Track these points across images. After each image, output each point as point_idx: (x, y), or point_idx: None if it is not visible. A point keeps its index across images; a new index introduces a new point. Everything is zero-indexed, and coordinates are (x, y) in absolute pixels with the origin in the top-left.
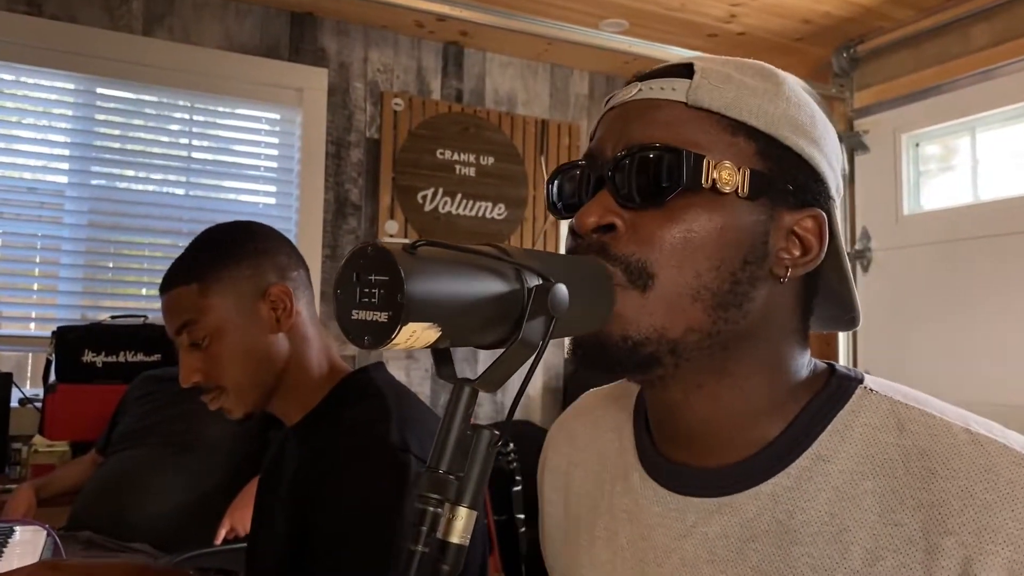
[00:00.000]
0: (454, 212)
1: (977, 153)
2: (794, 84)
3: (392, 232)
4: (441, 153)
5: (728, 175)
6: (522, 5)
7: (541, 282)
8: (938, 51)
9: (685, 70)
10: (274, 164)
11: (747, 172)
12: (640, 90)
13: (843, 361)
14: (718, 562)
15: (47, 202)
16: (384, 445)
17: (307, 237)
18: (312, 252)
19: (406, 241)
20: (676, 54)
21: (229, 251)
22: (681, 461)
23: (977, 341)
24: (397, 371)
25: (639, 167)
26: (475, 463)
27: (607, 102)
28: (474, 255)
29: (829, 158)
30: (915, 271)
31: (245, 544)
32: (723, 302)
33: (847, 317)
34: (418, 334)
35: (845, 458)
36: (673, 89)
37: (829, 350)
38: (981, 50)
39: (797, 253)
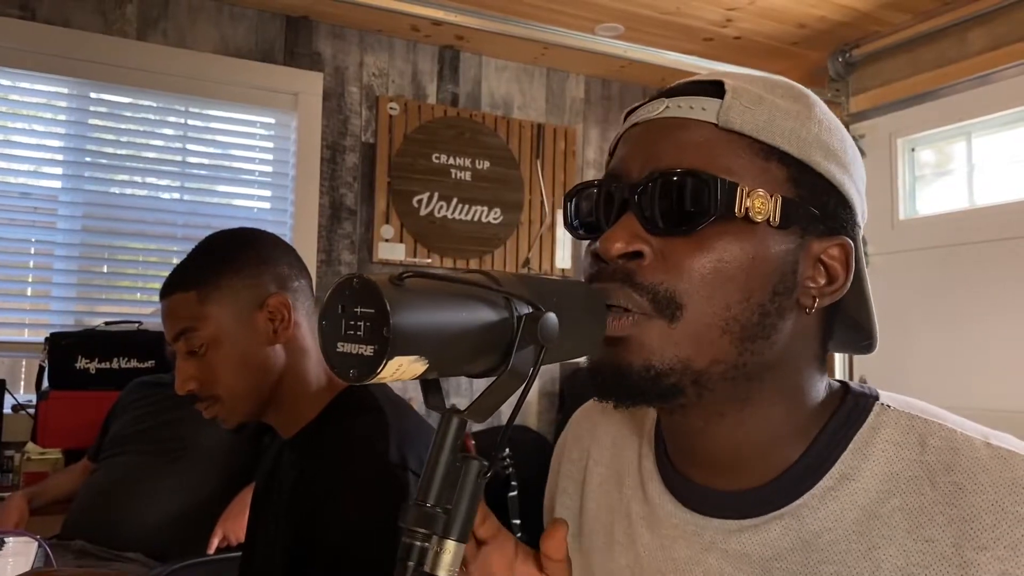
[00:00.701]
0: (450, 216)
1: (973, 158)
2: (824, 106)
3: (388, 236)
4: (437, 157)
5: (761, 203)
6: (518, 10)
7: (531, 310)
8: (934, 56)
9: (714, 88)
10: (269, 168)
11: (779, 199)
12: (667, 107)
13: (839, 366)
14: (749, 556)
15: (41, 207)
16: (383, 463)
17: (302, 242)
18: (307, 257)
19: (393, 272)
20: (672, 59)
21: (229, 260)
22: (700, 482)
23: (974, 346)
24: None
25: (668, 192)
26: (464, 495)
27: (627, 116)
28: (462, 285)
29: (857, 184)
30: (911, 276)
31: (238, 553)
32: (752, 334)
33: (864, 343)
34: (404, 367)
35: (869, 476)
36: (703, 109)
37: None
38: (978, 55)
39: (823, 282)
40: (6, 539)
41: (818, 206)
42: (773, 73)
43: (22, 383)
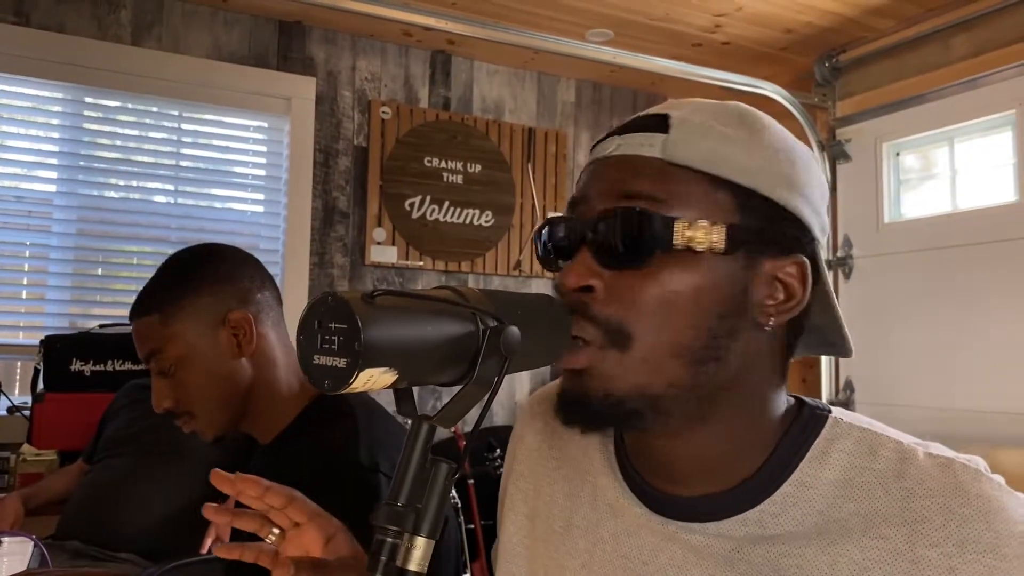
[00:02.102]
0: (442, 219)
1: (956, 163)
2: (775, 128)
3: (380, 239)
4: (429, 161)
5: (703, 234)
6: (508, 16)
7: (495, 324)
8: (919, 61)
9: (661, 122)
10: (262, 172)
11: (723, 228)
12: (618, 145)
13: (825, 369)
14: (706, 566)
15: (35, 210)
16: (355, 466)
17: (295, 244)
18: (300, 259)
19: (367, 289)
20: (660, 65)
21: (188, 280)
22: (660, 489)
23: (956, 347)
24: None
25: (616, 228)
26: (433, 494)
27: (592, 150)
28: (430, 301)
29: (812, 202)
30: (896, 278)
31: None
32: (702, 357)
33: (841, 346)
34: (375, 378)
35: (825, 483)
36: (651, 145)
37: (812, 357)
38: (961, 60)
39: (781, 298)
40: (2, 539)
41: (769, 229)
42: (761, 78)
43: (17, 385)
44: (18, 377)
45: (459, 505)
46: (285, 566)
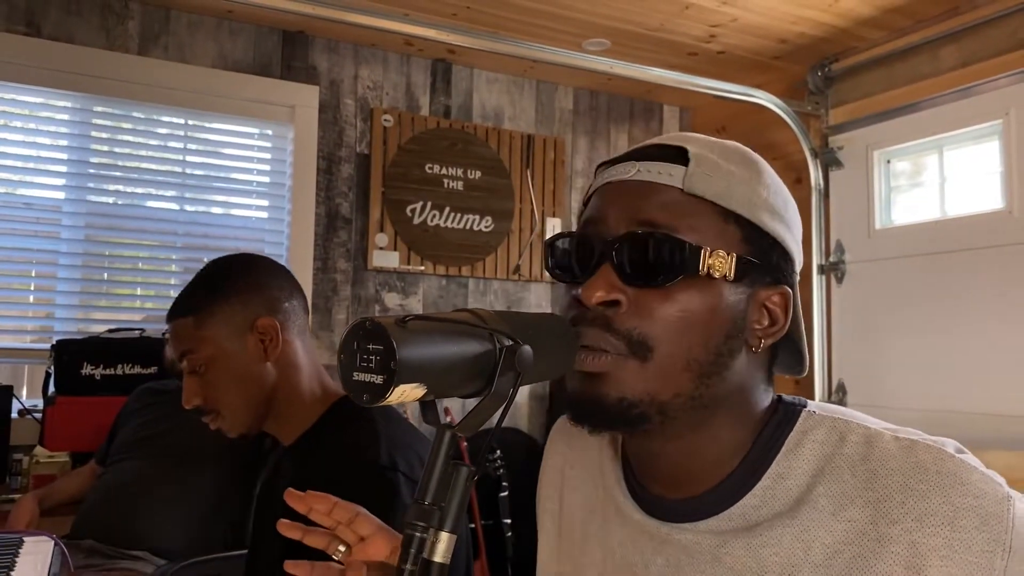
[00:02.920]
0: (442, 225)
1: (945, 170)
2: (770, 170)
3: (382, 245)
4: (430, 168)
5: (721, 262)
6: (506, 26)
7: (510, 343)
8: (909, 71)
9: (679, 154)
10: (267, 179)
11: (734, 257)
12: (638, 171)
13: (818, 370)
14: (697, 564)
15: (44, 217)
16: (374, 466)
17: (299, 250)
18: (304, 264)
19: (398, 315)
20: (655, 74)
21: (221, 287)
22: (655, 493)
23: (946, 351)
24: None
25: (643, 249)
26: (455, 495)
27: (599, 169)
28: (453, 324)
29: (796, 236)
30: (886, 283)
31: (242, 552)
32: (708, 371)
33: (798, 368)
34: (408, 392)
35: (800, 473)
36: (670, 175)
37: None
38: (950, 71)
39: (766, 323)
40: (24, 539)
41: (765, 260)
42: (755, 86)
43: (25, 388)
44: (26, 380)
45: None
46: (357, 571)
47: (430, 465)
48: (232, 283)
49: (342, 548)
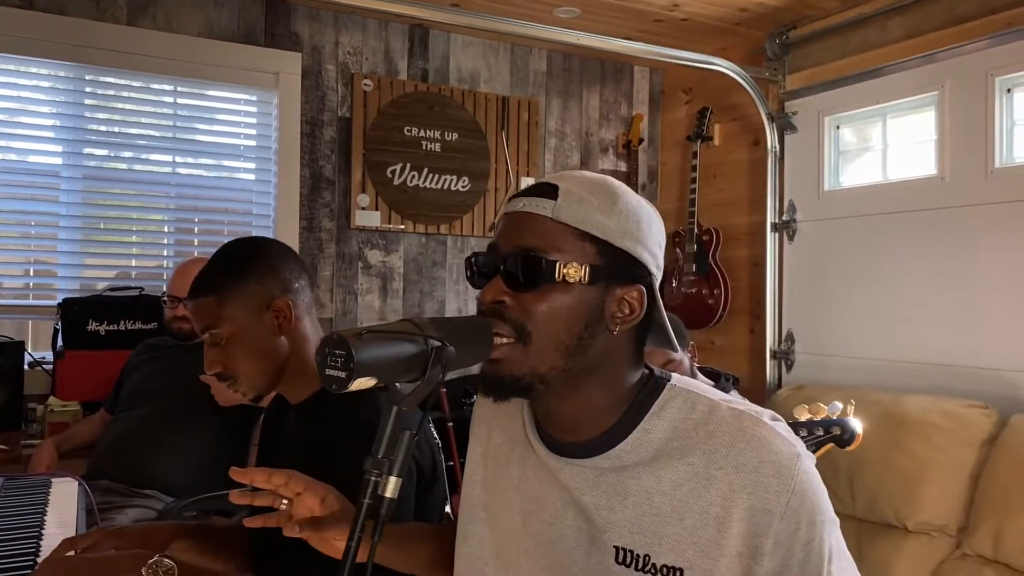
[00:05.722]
0: (421, 185)
1: (888, 138)
2: (628, 196)
3: (364, 205)
4: (408, 130)
5: (574, 272)
6: None
7: (439, 344)
8: (859, 41)
9: (553, 191)
10: (253, 143)
11: (588, 267)
12: (524, 205)
13: (770, 321)
14: (581, 487)
15: (43, 182)
16: (368, 424)
17: (285, 210)
18: (290, 224)
19: (357, 327)
20: (622, 45)
21: (241, 269)
22: (557, 438)
23: (886, 304)
24: None
25: (520, 264)
26: (400, 450)
27: (506, 203)
28: (396, 333)
29: (651, 248)
30: (835, 241)
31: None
32: (573, 350)
33: (668, 345)
34: (363, 383)
35: (660, 430)
36: (544, 208)
37: (759, 309)
38: (895, 43)
39: (626, 312)
40: (52, 479)
41: (619, 268)
42: (717, 51)
43: (30, 342)
44: (30, 335)
45: (440, 445)
46: (292, 524)
47: (382, 429)
48: (251, 266)
49: (284, 502)
